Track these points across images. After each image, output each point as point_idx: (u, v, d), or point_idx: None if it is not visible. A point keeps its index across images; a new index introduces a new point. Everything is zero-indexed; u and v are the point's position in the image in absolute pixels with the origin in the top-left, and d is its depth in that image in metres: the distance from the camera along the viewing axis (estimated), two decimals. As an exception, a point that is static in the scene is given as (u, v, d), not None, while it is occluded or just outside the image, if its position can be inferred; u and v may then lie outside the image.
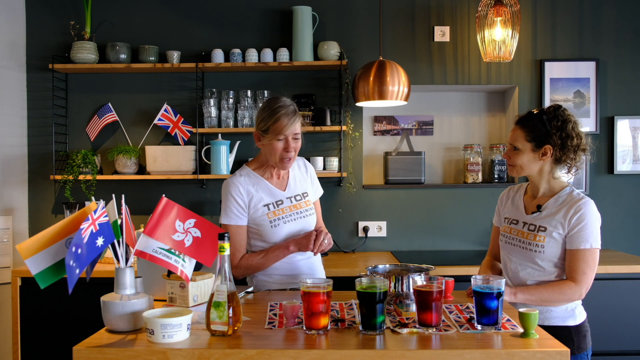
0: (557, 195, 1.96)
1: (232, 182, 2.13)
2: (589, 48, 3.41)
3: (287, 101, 2.09)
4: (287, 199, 2.16)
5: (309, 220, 2.20)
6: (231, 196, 2.11)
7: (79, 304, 2.71)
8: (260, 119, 2.08)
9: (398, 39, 3.42)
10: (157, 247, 1.61)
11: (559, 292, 1.86)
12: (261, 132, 2.08)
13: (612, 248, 3.41)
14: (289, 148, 2.06)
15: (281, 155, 2.07)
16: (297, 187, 2.22)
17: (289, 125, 2.03)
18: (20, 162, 3.37)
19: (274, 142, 2.05)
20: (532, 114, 1.97)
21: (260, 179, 2.16)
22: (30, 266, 1.50)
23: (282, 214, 2.13)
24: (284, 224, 2.12)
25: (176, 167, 3.28)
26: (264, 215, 2.11)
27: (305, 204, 2.20)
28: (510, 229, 2.05)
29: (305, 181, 2.26)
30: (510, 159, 1.99)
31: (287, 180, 2.21)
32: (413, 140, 3.54)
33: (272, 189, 2.15)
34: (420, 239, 3.46)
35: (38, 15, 3.41)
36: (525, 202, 2.06)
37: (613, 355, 2.83)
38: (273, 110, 2.04)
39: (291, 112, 2.05)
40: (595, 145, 3.41)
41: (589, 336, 1.99)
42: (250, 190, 2.12)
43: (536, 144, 1.93)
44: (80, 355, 1.42)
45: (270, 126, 2.04)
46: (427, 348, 1.42)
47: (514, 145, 1.97)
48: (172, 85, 3.42)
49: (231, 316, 1.50)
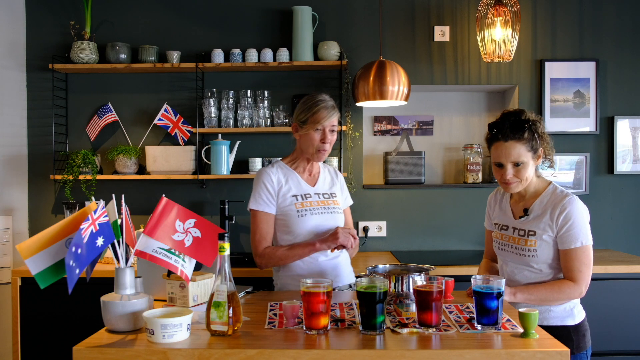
0: (541, 196, 1.96)
1: (264, 171, 2.21)
2: (589, 48, 3.41)
3: (326, 97, 2.19)
4: (315, 194, 2.22)
5: (337, 217, 2.23)
6: (262, 183, 2.18)
7: (79, 304, 2.72)
8: (300, 111, 2.18)
9: (398, 39, 3.42)
10: (157, 247, 1.61)
11: (558, 292, 1.87)
12: (300, 123, 2.17)
13: (612, 248, 3.41)
14: (325, 139, 2.14)
15: (317, 147, 2.15)
16: (325, 186, 2.29)
17: (327, 117, 2.13)
18: (20, 162, 3.37)
19: (312, 132, 2.14)
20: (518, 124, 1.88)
21: (292, 171, 2.24)
22: (30, 266, 1.50)
23: (309, 206, 2.18)
24: (311, 215, 2.16)
25: (176, 167, 3.28)
26: (291, 205, 2.16)
27: (334, 202, 2.25)
28: (501, 235, 2.05)
29: (334, 185, 2.33)
30: (517, 176, 1.91)
31: (317, 179, 2.29)
32: (413, 140, 3.54)
33: (301, 183, 2.23)
34: (420, 239, 3.46)
35: (38, 15, 3.41)
36: (512, 207, 2.05)
37: (613, 355, 2.83)
38: (313, 103, 2.15)
39: (330, 106, 2.15)
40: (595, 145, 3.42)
41: (589, 335, 1.99)
42: (280, 180, 2.19)
43: (534, 151, 1.91)
44: (80, 355, 1.42)
45: (309, 117, 2.13)
46: (427, 348, 1.41)
47: (517, 162, 1.90)
48: (172, 85, 3.42)
49: (231, 316, 1.50)
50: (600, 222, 3.42)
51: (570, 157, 3.41)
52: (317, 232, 2.15)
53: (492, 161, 1.97)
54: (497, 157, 1.93)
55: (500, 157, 1.91)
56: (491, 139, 1.96)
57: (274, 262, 2.15)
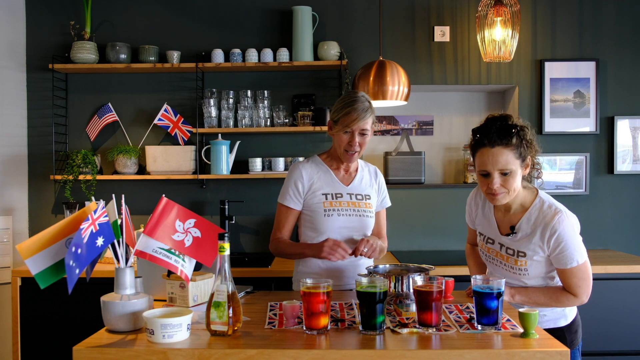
0: (528, 212, 1.83)
1: (297, 166, 2.18)
2: (589, 48, 3.41)
3: (363, 97, 2.09)
4: (347, 195, 2.16)
5: (367, 221, 2.17)
6: (292, 179, 2.16)
7: (79, 304, 2.72)
8: (335, 109, 2.11)
9: (398, 39, 3.42)
10: (157, 247, 1.61)
11: (556, 301, 1.82)
12: (333, 122, 2.12)
13: (612, 248, 3.41)
14: (353, 142, 2.07)
15: (345, 148, 2.09)
16: (361, 186, 2.21)
17: (357, 120, 2.04)
18: (20, 162, 3.37)
19: (341, 134, 2.08)
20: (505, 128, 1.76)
21: (327, 169, 2.19)
22: (30, 266, 1.50)
23: (338, 207, 2.13)
24: (337, 216, 2.12)
25: (176, 167, 3.28)
26: (319, 203, 2.12)
27: (366, 205, 2.18)
28: (488, 248, 1.96)
29: (371, 186, 2.24)
30: (504, 186, 1.76)
31: (353, 177, 2.22)
32: (413, 140, 3.54)
33: (335, 181, 2.17)
34: (420, 239, 3.46)
35: (38, 15, 3.41)
36: (497, 220, 1.92)
37: (614, 355, 2.83)
38: (347, 103, 2.07)
39: (363, 108, 2.05)
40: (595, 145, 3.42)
41: (580, 330, 1.97)
42: (312, 177, 2.15)
43: (522, 159, 1.77)
44: (80, 355, 1.42)
45: (341, 118, 2.07)
46: (427, 348, 1.41)
47: (505, 171, 1.75)
48: (172, 85, 3.42)
49: (231, 316, 1.50)
50: (600, 222, 3.42)
51: (570, 157, 3.41)
52: (342, 233, 2.12)
53: (477, 170, 1.81)
54: (483, 164, 1.77)
55: (487, 164, 1.75)
56: (475, 145, 1.80)
57: (277, 253, 2.18)
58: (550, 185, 3.40)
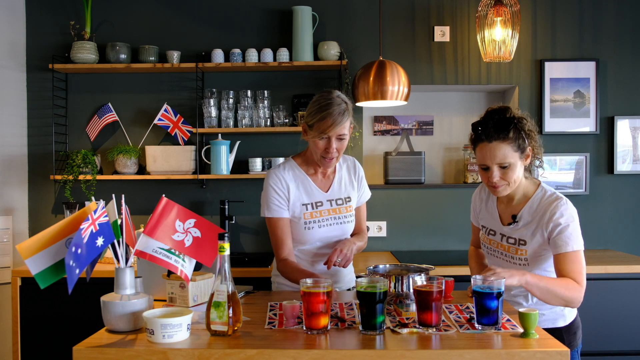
0: (530, 201, 1.87)
1: (273, 174, 2.07)
2: (589, 48, 3.41)
3: (339, 98, 1.97)
4: (327, 202, 2.09)
5: (347, 227, 2.12)
6: (271, 188, 2.06)
7: (79, 304, 2.71)
8: (308, 112, 1.98)
9: (398, 39, 3.42)
10: (157, 247, 1.61)
11: (565, 288, 1.75)
12: (307, 126, 2.00)
13: (612, 248, 3.41)
14: (330, 149, 1.96)
15: (322, 154, 1.99)
16: (341, 190, 2.13)
17: (334, 125, 1.92)
18: (20, 162, 3.37)
19: (317, 140, 1.96)
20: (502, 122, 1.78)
21: (304, 175, 2.09)
22: (30, 266, 1.50)
23: (319, 217, 2.06)
24: (318, 228, 2.06)
25: (176, 167, 3.28)
26: (300, 215, 2.05)
27: (346, 210, 2.11)
28: (489, 240, 1.98)
29: (351, 184, 2.16)
30: (504, 178, 1.81)
31: (331, 181, 2.13)
32: (413, 140, 3.54)
33: (313, 189, 2.08)
34: (420, 239, 3.46)
35: (38, 15, 3.41)
36: (499, 211, 1.96)
37: (614, 355, 2.83)
38: (321, 107, 1.94)
39: (340, 112, 1.93)
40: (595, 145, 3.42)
41: (580, 332, 1.96)
42: (290, 184, 2.06)
43: (521, 151, 1.80)
44: (80, 355, 1.42)
45: (315, 123, 1.94)
46: (427, 348, 1.41)
47: (503, 164, 1.79)
48: (172, 85, 3.42)
49: (231, 316, 1.50)
50: (600, 222, 3.42)
51: (570, 157, 3.41)
52: (322, 242, 2.08)
53: (478, 163, 1.86)
54: (482, 159, 1.82)
55: (485, 159, 1.80)
56: (475, 139, 1.85)
57: (288, 278, 2.06)
58: (550, 185, 3.38)
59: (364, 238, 2.22)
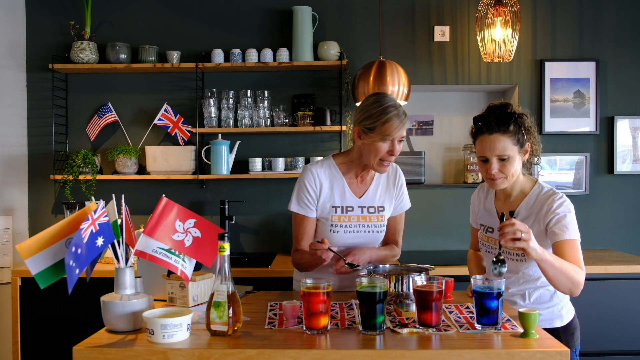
0: (527, 197, 1.89)
1: (309, 170, 2.03)
2: (589, 48, 3.41)
3: (395, 101, 1.93)
4: (358, 208, 2.04)
5: (375, 236, 2.07)
6: (304, 184, 2.02)
7: (79, 304, 2.71)
8: (367, 115, 1.91)
9: (398, 39, 3.42)
10: (157, 247, 1.61)
11: (574, 271, 1.73)
12: (365, 129, 1.92)
13: (612, 248, 3.41)
14: (393, 151, 1.92)
15: (383, 157, 1.94)
16: (375, 197, 2.08)
17: (399, 127, 1.89)
18: (20, 162, 3.37)
19: (379, 143, 1.91)
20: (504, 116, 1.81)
21: (340, 176, 2.04)
22: (30, 266, 1.50)
23: (347, 221, 2.02)
24: (344, 233, 2.02)
25: (176, 167, 3.28)
26: (328, 216, 2.02)
27: (377, 219, 2.06)
28: (487, 237, 1.99)
29: (388, 192, 2.11)
30: (502, 171, 1.83)
31: (367, 187, 2.07)
32: (413, 140, 3.54)
33: (346, 192, 2.03)
34: (421, 239, 3.46)
35: (38, 15, 3.41)
36: (497, 208, 1.98)
37: (613, 355, 2.83)
38: (384, 109, 1.89)
39: (402, 114, 1.90)
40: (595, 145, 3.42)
41: (578, 333, 1.95)
42: (324, 185, 2.01)
43: (520, 145, 1.83)
44: (80, 355, 1.42)
45: (379, 126, 1.88)
46: (427, 348, 1.41)
47: (502, 156, 1.82)
48: (172, 85, 3.42)
49: (231, 316, 1.50)
50: (600, 222, 3.42)
51: (570, 157, 3.41)
52: (347, 248, 2.03)
53: (477, 156, 1.88)
54: (482, 150, 1.84)
55: (485, 150, 1.83)
56: (476, 132, 1.88)
57: (296, 266, 2.09)
58: (550, 185, 3.39)
59: (394, 251, 2.16)
